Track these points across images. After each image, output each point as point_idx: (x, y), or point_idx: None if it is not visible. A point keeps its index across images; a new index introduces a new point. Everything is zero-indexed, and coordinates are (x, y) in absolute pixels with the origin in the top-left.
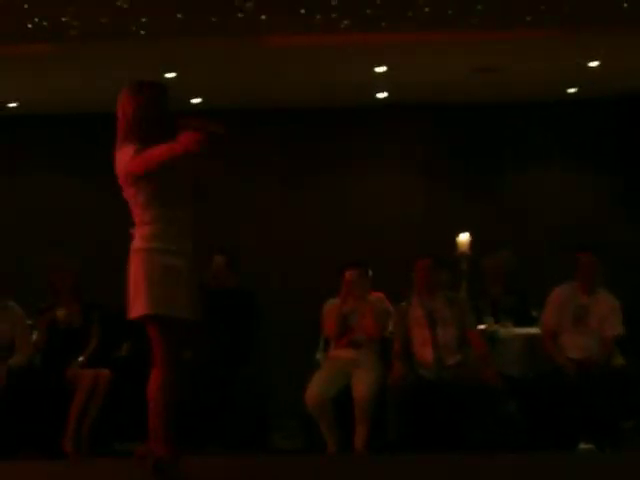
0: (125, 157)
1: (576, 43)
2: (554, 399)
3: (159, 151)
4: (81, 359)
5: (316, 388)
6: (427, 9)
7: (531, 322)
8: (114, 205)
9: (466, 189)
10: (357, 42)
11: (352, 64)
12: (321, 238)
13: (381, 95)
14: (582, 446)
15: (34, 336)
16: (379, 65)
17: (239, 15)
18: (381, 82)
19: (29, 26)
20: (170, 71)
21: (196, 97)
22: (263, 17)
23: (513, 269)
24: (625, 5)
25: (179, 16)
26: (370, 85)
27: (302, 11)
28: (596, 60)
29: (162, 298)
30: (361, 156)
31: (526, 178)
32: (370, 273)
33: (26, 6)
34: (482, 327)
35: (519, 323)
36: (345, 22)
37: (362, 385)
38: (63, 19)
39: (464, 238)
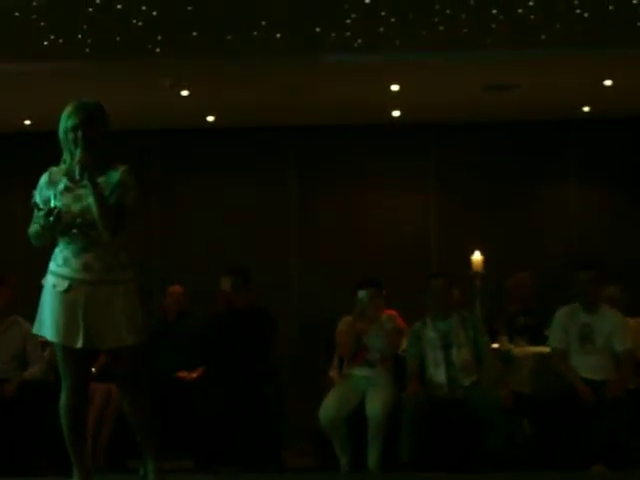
0: None
1: (590, 62)
2: (568, 419)
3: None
4: (93, 371)
5: (330, 406)
6: (441, 27)
7: (545, 341)
8: None
9: (480, 207)
10: (371, 60)
11: (366, 82)
12: (336, 256)
13: (395, 113)
14: (595, 467)
15: (46, 352)
16: (393, 83)
17: (254, 34)
18: (395, 100)
19: (45, 43)
20: (185, 89)
21: (210, 115)
22: (278, 35)
23: (532, 290)
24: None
25: (194, 34)
26: (384, 103)
27: (317, 29)
28: (610, 79)
29: (39, 317)
30: (376, 174)
31: (541, 196)
32: (384, 292)
33: (42, 24)
34: (495, 346)
35: (533, 342)
36: (359, 40)
37: (376, 404)
38: (78, 37)
39: (478, 256)
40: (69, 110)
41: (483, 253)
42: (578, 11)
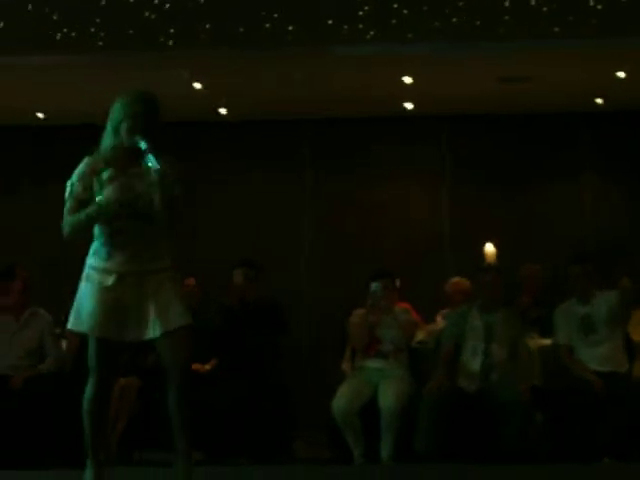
0: None
1: (604, 54)
2: (579, 411)
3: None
4: None
5: (343, 399)
6: (454, 19)
7: None
8: None
9: (494, 199)
10: (383, 53)
11: (378, 75)
12: (349, 248)
13: (408, 106)
14: (606, 459)
15: (63, 345)
16: (405, 75)
17: (267, 26)
18: (408, 92)
19: (58, 37)
20: (198, 81)
21: (223, 107)
22: (290, 28)
23: (543, 282)
24: None
25: (207, 27)
26: (397, 95)
27: (329, 22)
28: (624, 71)
29: (77, 313)
30: (390, 166)
31: (555, 188)
32: (398, 284)
33: (55, 17)
34: None
35: (545, 334)
36: (371, 33)
37: (389, 396)
38: (91, 30)
39: (490, 249)
40: (128, 98)
41: (496, 245)
42: (591, 3)
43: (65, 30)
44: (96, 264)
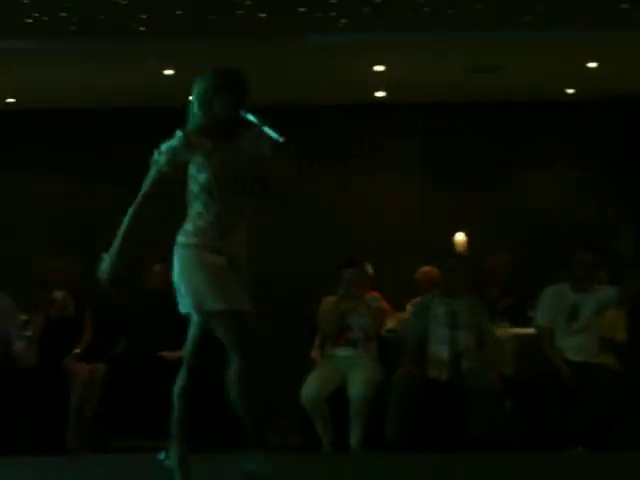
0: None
1: (574, 44)
2: (550, 400)
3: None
4: (77, 351)
5: (312, 387)
6: (427, 8)
7: (527, 322)
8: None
9: (466, 188)
10: (355, 40)
11: (350, 63)
12: (320, 236)
13: (380, 94)
14: (578, 448)
15: (29, 331)
16: (378, 64)
17: (238, 13)
18: (379, 81)
19: (29, 21)
20: (169, 68)
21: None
22: (262, 15)
23: (512, 270)
24: (624, 6)
25: (178, 13)
26: (369, 84)
27: (301, 9)
28: (594, 61)
29: (202, 293)
30: (360, 155)
31: (527, 177)
32: (370, 271)
33: (26, 1)
34: None
35: (515, 323)
36: (343, 21)
37: (358, 384)
38: (62, 15)
39: (460, 238)
40: (218, 72)
41: (469, 234)
42: None
43: (36, 15)
44: (203, 243)
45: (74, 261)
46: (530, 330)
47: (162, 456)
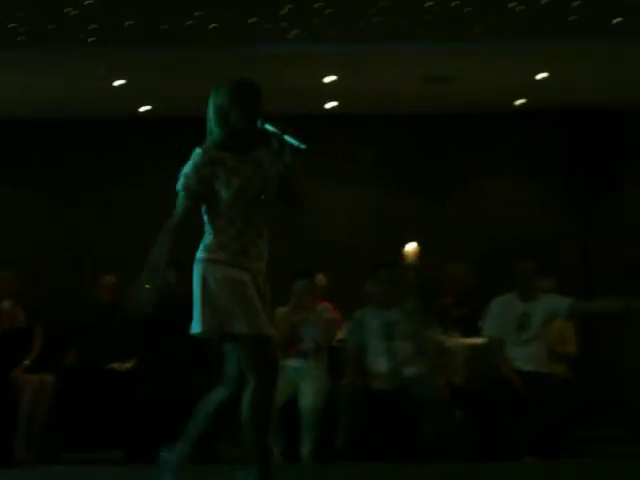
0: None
1: (525, 55)
2: (500, 409)
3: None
4: (26, 362)
5: None
6: (378, 19)
7: (479, 332)
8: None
9: (419, 198)
10: (306, 51)
11: (301, 73)
12: (272, 246)
13: (331, 104)
14: (527, 458)
15: None
16: (329, 74)
17: (189, 23)
18: (331, 91)
19: None
20: (120, 78)
21: (145, 105)
22: (212, 26)
23: (470, 281)
24: (572, 18)
25: (128, 23)
26: (320, 94)
27: (252, 20)
28: (545, 72)
29: (217, 315)
30: (313, 165)
31: (481, 187)
32: (323, 281)
33: None
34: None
35: (466, 333)
36: (294, 32)
37: (308, 394)
38: (10, 25)
39: (412, 248)
40: (232, 85)
41: (421, 244)
42: (512, 4)
43: None
44: (226, 258)
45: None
46: (480, 340)
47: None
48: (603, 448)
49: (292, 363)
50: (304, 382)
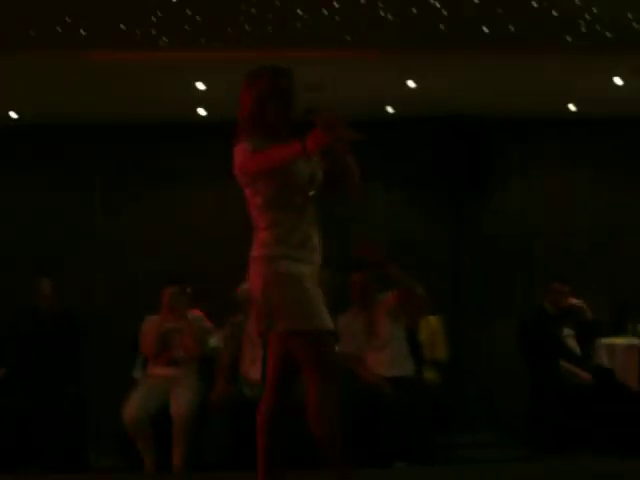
0: (239, 156)
1: (395, 63)
2: (368, 417)
3: (278, 152)
4: None
5: (134, 406)
6: (247, 27)
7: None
8: None
9: None
10: (176, 58)
11: (172, 80)
12: (144, 254)
13: (202, 112)
14: (398, 463)
15: None
16: (199, 81)
17: (57, 29)
18: (201, 99)
19: None
20: None
21: (13, 111)
22: (82, 32)
23: (336, 286)
24: (442, 27)
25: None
26: (191, 101)
27: (122, 26)
28: (413, 80)
29: (297, 312)
30: (185, 172)
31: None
32: (189, 290)
33: None
34: None
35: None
36: (164, 39)
37: (180, 403)
38: None
39: None
40: (278, 70)
41: None
42: (382, 13)
43: None
44: (286, 253)
45: None
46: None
47: None
48: (473, 453)
49: (163, 372)
50: (176, 391)
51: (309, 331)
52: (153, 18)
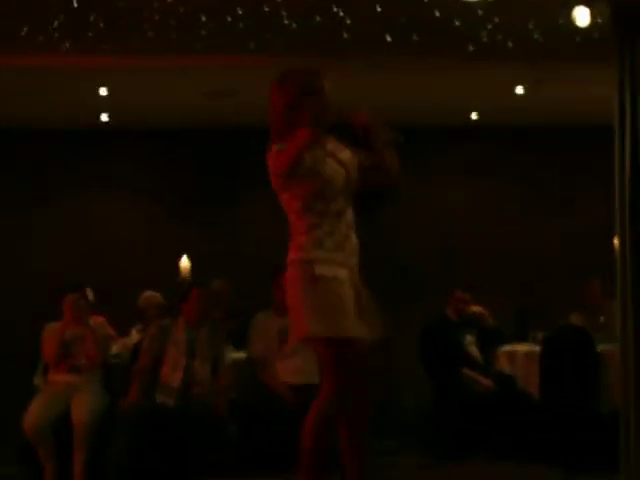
0: (270, 160)
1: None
2: (272, 423)
3: (292, 144)
4: None
5: (34, 414)
6: (151, 33)
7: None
8: None
9: (188, 214)
10: (79, 64)
11: (75, 86)
12: (47, 261)
13: (104, 118)
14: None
15: None
16: (101, 87)
17: None
18: (106, 105)
19: None
20: None
21: None
22: None
23: (230, 296)
24: (346, 36)
25: None
26: (95, 107)
27: (24, 31)
28: None
29: (322, 317)
30: (88, 179)
31: (248, 205)
32: (91, 297)
33: None
34: None
35: (238, 347)
36: (67, 44)
37: (81, 411)
38: None
39: (185, 263)
40: (309, 71)
41: (193, 260)
42: (286, 21)
43: None
44: (323, 256)
45: None
46: (245, 355)
47: None
48: (376, 460)
49: (65, 379)
50: (77, 398)
51: (329, 338)
52: (56, 23)
